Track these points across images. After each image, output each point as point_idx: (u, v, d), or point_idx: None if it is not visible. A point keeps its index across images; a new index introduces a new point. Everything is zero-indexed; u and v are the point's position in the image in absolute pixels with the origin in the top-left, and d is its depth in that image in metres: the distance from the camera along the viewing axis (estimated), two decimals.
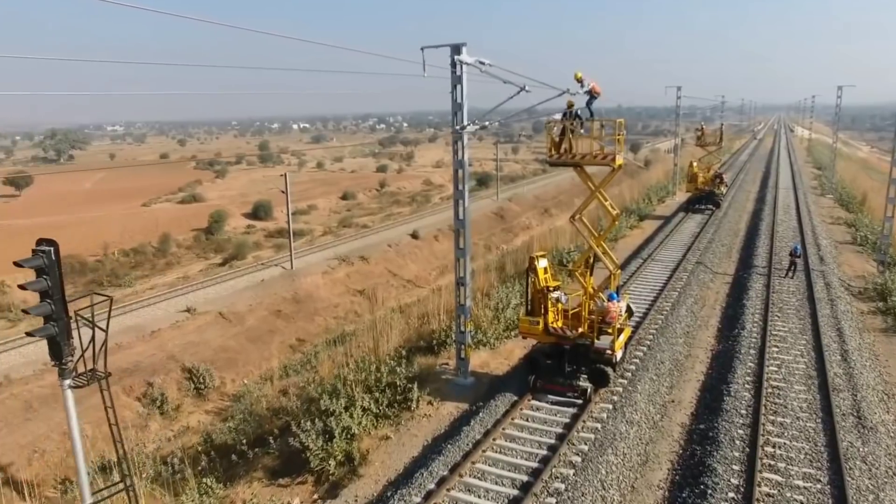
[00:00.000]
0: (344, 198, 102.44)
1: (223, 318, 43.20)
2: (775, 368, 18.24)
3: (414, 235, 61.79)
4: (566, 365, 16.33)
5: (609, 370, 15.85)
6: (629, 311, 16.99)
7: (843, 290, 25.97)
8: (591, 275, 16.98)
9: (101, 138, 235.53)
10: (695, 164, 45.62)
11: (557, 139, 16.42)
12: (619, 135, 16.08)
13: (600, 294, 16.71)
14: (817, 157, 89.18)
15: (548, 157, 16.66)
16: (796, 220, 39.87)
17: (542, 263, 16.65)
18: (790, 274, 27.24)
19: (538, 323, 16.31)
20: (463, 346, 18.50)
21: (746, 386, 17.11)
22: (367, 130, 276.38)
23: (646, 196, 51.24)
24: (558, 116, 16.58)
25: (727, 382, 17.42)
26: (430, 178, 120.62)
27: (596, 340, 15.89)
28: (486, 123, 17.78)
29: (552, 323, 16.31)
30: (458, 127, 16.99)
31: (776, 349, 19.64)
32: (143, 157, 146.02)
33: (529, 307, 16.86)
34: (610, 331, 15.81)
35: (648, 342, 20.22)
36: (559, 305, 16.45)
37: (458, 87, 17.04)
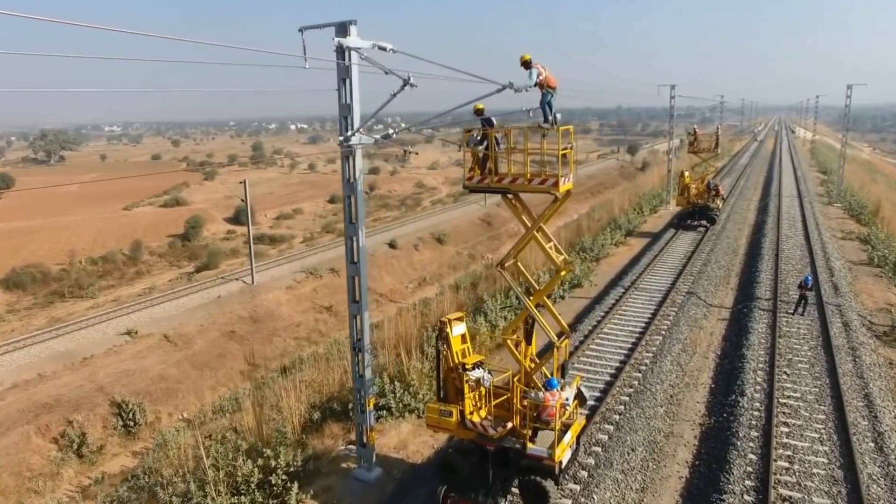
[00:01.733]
0: (332, 201, 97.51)
1: (168, 342, 38.26)
2: (786, 464, 13.08)
3: (392, 245, 56.72)
4: (490, 473, 11.28)
5: (548, 484, 10.78)
6: (580, 397, 11.89)
7: (866, 332, 20.73)
8: (529, 345, 11.90)
9: (97, 139, 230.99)
10: (686, 173, 38.32)
11: (481, 156, 11.38)
12: (566, 148, 11.04)
13: (545, 370, 11.67)
14: (822, 161, 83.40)
15: (465, 180, 11.57)
16: (803, 236, 34.56)
17: (458, 330, 11.57)
18: (800, 310, 22.03)
19: (451, 414, 11.27)
20: (365, 430, 13.48)
21: (746, 495, 12.03)
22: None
23: (637, 205, 45.88)
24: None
25: (719, 487, 12.34)
26: (422, 181, 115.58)
27: (529, 444, 10.80)
28: (392, 132, 12.70)
29: (469, 415, 11.27)
30: (344, 137, 11.94)
31: (786, 429, 14.48)
32: (136, 157, 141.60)
33: (442, 391, 11.80)
34: (551, 428, 10.72)
35: (618, 417, 15.10)
36: (481, 389, 11.40)
37: (347, 81, 12.00)
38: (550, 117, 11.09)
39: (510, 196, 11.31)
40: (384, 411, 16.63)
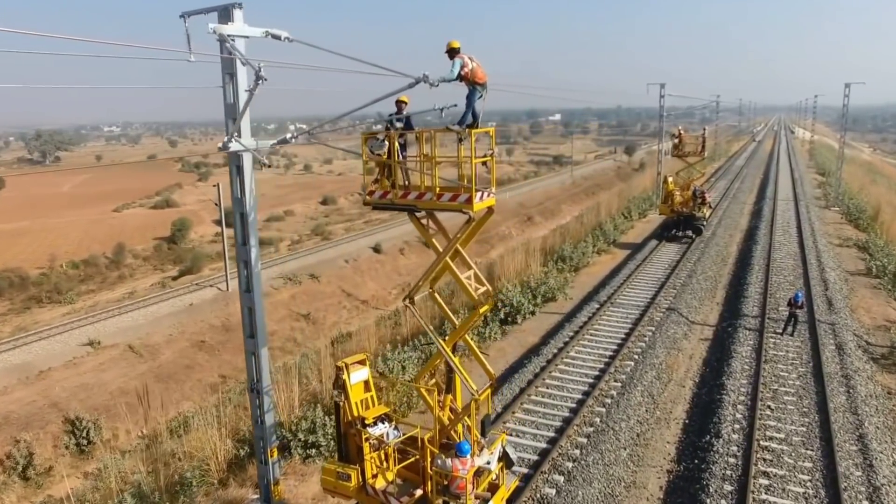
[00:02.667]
0: (324, 202, 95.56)
1: (133, 353, 36.26)
2: None
3: (376, 249, 54.62)
4: None
5: None
6: (506, 459, 9.69)
7: (861, 356, 18.48)
8: (448, 393, 9.74)
9: (96, 139, 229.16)
10: (670, 179, 35.06)
11: (384, 166, 9.27)
12: (488, 156, 8.92)
13: (467, 418, 9.51)
14: (820, 162, 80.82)
15: (366, 195, 9.44)
16: (797, 243, 32.27)
17: (359, 376, 9.45)
18: (790, 330, 19.80)
19: (349, 477, 9.14)
20: (269, 485, 11.35)
21: None
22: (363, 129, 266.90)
23: (626, 209, 43.54)
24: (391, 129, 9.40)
25: None
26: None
27: None
28: (290, 137, 10.53)
29: (372, 479, 9.14)
30: (227, 140, 9.78)
31: (765, 480, 12.28)
32: (132, 158, 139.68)
33: (342, 449, 9.67)
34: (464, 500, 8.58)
35: (571, 464, 12.92)
36: (387, 448, 9.28)
37: (231, 78, 9.86)
38: (469, 119, 8.90)
39: (417, 214, 9.17)
40: (313, 449, 14.58)
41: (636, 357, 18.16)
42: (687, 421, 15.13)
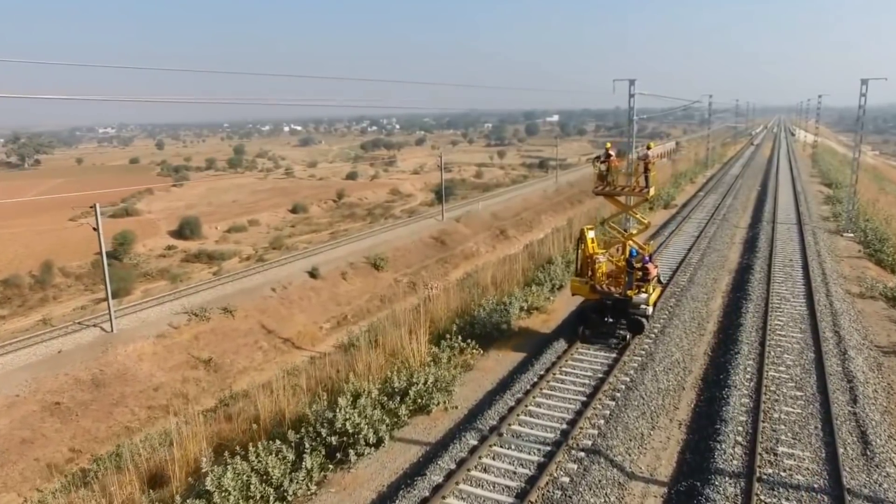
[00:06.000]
0: (293, 211, 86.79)
1: None
2: None
3: (312, 274, 45.56)
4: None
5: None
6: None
7: None
8: None
9: (89, 141, 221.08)
10: (590, 234, 18.48)
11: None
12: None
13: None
14: (825, 170, 70.30)
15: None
16: (804, 296, 22.66)
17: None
18: None
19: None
20: None
21: None
22: (357, 132, 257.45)
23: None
24: None
25: None
26: (398, 187, 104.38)
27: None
28: None
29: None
30: None
31: None
32: (115, 161, 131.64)
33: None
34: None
35: None
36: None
37: None
38: None
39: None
40: None
41: None
42: None
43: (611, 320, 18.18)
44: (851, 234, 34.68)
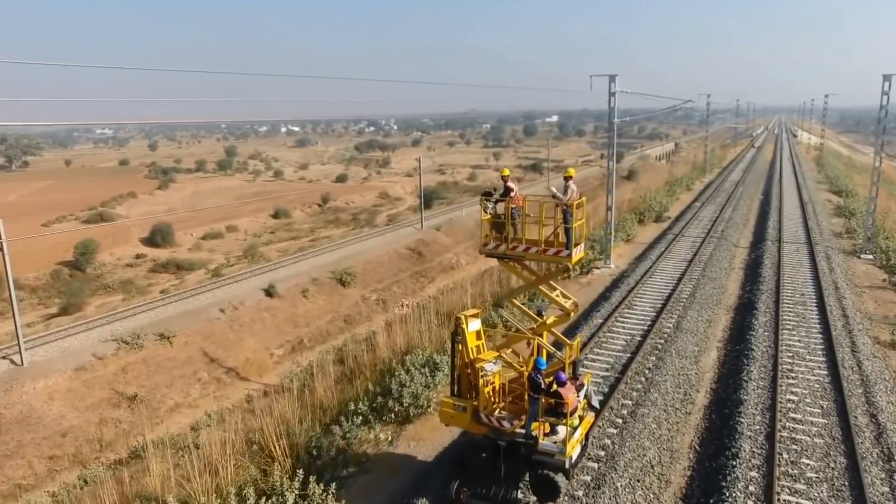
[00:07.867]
0: (275, 216, 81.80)
1: None
2: None
3: (269, 292, 40.43)
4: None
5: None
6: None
7: None
8: None
9: (85, 141, 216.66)
10: (470, 324, 10.60)
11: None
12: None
13: None
14: (832, 175, 64.44)
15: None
16: (822, 350, 17.43)
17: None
18: None
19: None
20: None
21: None
22: (354, 133, 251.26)
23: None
24: None
25: None
26: (387, 190, 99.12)
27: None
28: None
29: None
30: None
31: None
32: (105, 163, 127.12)
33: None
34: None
35: None
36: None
37: None
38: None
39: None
40: None
41: None
42: None
43: (505, 472, 10.39)
44: (871, 256, 29.24)
